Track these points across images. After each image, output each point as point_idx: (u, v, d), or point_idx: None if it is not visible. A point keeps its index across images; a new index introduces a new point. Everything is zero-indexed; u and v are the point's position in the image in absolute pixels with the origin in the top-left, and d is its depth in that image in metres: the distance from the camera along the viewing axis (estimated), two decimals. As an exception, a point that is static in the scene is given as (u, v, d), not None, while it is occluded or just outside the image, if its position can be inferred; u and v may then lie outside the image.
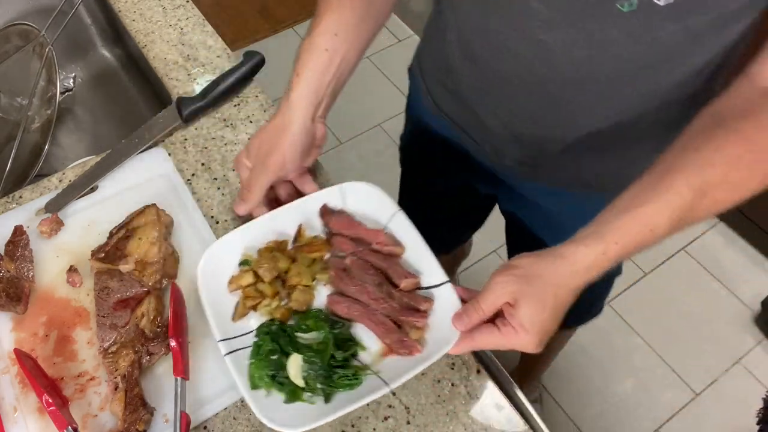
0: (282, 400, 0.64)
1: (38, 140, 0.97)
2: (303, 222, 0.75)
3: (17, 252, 0.74)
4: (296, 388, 0.64)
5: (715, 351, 1.78)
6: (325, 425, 0.66)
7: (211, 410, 0.67)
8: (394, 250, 0.72)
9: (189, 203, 0.82)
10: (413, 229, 0.73)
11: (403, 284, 0.69)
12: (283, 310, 0.70)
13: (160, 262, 0.72)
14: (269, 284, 0.70)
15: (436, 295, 0.69)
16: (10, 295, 0.70)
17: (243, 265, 0.72)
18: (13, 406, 0.66)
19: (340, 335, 0.67)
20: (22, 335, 0.70)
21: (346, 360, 0.66)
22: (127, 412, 0.62)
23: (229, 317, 0.69)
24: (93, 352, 0.69)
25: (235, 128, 0.91)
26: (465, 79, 0.78)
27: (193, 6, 1.07)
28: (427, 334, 0.67)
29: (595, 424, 1.65)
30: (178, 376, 0.64)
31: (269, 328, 0.67)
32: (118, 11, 1.06)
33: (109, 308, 0.68)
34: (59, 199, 0.81)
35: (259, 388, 0.64)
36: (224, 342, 0.65)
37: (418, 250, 0.72)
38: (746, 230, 1.99)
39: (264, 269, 0.70)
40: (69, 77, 1.17)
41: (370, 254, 0.72)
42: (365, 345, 0.68)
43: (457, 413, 0.68)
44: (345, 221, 0.74)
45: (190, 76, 0.97)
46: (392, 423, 0.67)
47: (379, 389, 0.63)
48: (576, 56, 0.62)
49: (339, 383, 0.64)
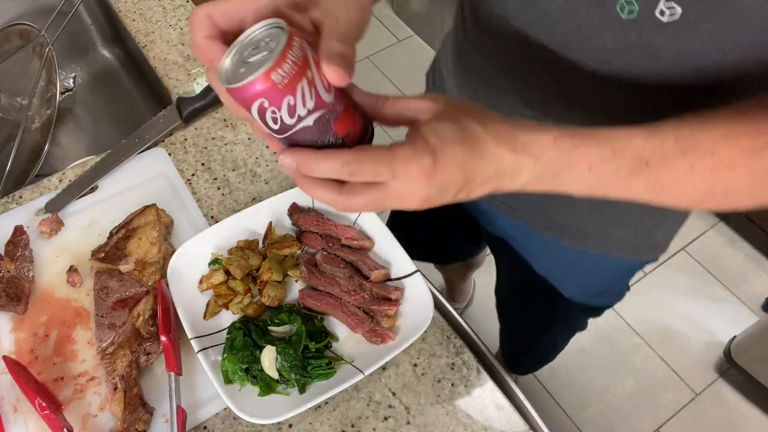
0: (256, 393, 0.65)
1: (38, 140, 0.97)
2: (272, 221, 0.77)
3: (17, 252, 0.74)
4: (270, 380, 0.65)
5: (715, 351, 1.78)
6: (325, 424, 0.66)
7: (211, 410, 0.67)
8: (363, 245, 0.75)
9: (189, 203, 0.82)
10: (381, 223, 0.76)
11: (373, 276, 0.72)
12: (256, 306, 0.71)
13: (160, 262, 0.72)
14: (241, 281, 0.72)
15: (406, 284, 0.72)
16: (10, 295, 0.70)
17: (213, 264, 0.73)
18: (13, 406, 0.66)
19: (313, 327, 0.69)
20: (22, 335, 0.70)
21: (319, 351, 0.67)
22: (127, 413, 0.63)
23: (201, 316, 0.70)
24: (93, 353, 0.69)
25: (235, 128, 0.91)
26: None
27: (193, 6, 1.07)
28: (399, 322, 0.70)
29: (595, 424, 1.65)
30: (170, 371, 0.64)
31: (242, 323, 0.69)
32: (118, 11, 1.06)
33: (108, 308, 0.68)
34: (59, 199, 0.81)
35: (234, 383, 0.65)
36: (197, 339, 0.66)
37: (386, 243, 0.75)
38: (746, 230, 1.99)
39: (235, 266, 0.72)
40: (69, 77, 1.16)
41: (340, 249, 0.75)
42: (338, 336, 0.70)
43: (457, 413, 0.68)
44: (313, 219, 0.77)
45: (190, 76, 0.97)
46: (392, 423, 0.67)
47: (354, 377, 0.65)
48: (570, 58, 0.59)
49: (313, 374, 0.65)
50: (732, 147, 0.45)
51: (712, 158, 0.45)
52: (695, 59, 0.51)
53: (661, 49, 0.52)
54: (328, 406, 0.68)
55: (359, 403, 0.68)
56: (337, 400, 0.68)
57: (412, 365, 0.71)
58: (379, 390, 0.69)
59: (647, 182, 0.45)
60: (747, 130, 0.45)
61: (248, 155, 0.88)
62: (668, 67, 0.53)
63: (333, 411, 0.68)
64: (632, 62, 0.54)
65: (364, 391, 0.69)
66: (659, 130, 0.45)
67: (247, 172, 0.86)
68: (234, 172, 0.86)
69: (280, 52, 0.38)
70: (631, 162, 0.44)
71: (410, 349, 0.72)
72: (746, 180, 0.46)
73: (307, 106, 0.40)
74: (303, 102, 0.40)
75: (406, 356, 0.71)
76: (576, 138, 0.43)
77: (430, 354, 0.72)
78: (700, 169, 0.45)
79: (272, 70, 0.38)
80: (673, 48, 0.51)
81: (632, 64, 0.55)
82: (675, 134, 0.45)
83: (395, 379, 0.70)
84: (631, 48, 0.53)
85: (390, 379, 0.70)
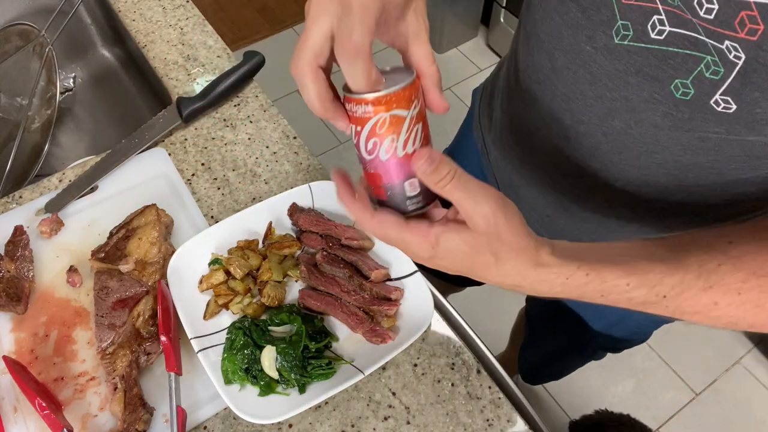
0: (256, 393, 0.65)
1: (38, 140, 0.97)
2: (272, 221, 0.77)
3: (17, 252, 0.74)
4: (270, 380, 0.65)
5: (715, 351, 1.78)
6: (325, 424, 0.66)
7: (211, 410, 0.67)
8: (363, 245, 0.75)
9: (189, 203, 0.82)
10: None
11: (373, 276, 0.72)
12: (255, 306, 0.71)
13: (160, 262, 0.72)
14: (240, 281, 0.72)
15: (406, 284, 0.72)
16: (10, 295, 0.70)
17: (213, 264, 0.73)
18: (13, 406, 0.66)
19: (313, 327, 0.69)
20: (22, 335, 0.70)
21: (319, 351, 0.67)
22: (127, 413, 0.63)
23: (201, 316, 0.70)
24: (93, 353, 0.69)
25: (235, 128, 0.91)
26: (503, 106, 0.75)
27: (193, 6, 1.07)
28: (399, 322, 0.70)
29: (595, 424, 1.65)
30: (170, 371, 0.64)
31: (242, 323, 0.69)
32: (118, 11, 1.06)
33: (108, 308, 0.68)
34: (59, 199, 0.81)
35: (233, 383, 0.65)
36: (197, 339, 0.66)
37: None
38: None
39: (235, 266, 0.72)
40: (69, 77, 1.16)
41: (340, 249, 0.75)
42: (338, 336, 0.70)
43: (457, 413, 0.68)
44: (313, 219, 0.77)
45: (190, 76, 0.97)
46: (392, 423, 0.67)
47: (354, 377, 0.65)
48: (614, 126, 0.56)
49: (313, 374, 0.65)
50: (762, 287, 0.44)
51: (739, 297, 0.44)
52: (746, 147, 0.50)
53: (710, 132, 0.50)
54: (328, 406, 0.68)
55: (359, 403, 0.68)
56: (337, 400, 0.68)
57: (412, 365, 0.71)
58: (379, 390, 0.69)
59: (664, 311, 0.45)
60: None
61: (248, 155, 0.88)
62: (716, 150, 0.51)
63: (333, 411, 0.68)
64: (680, 141, 0.53)
65: (364, 391, 0.69)
66: (681, 263, 0.44)
67: (247, 172, 0.86)
68: (234, 172, 0.86)
69: (409, 85, 0.41)
70: (646, 296, 0.44)
71: (410, 349, 0.72)
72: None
73: (406, 149, 0.42)
74: (405, 144, 0.42)
75: (406, 356, 0.71)
76: (591, 275, 0.44)
77: (430, 354, 0.72)
78: (724, 305, 0.45)
79: (411, 93, 0.41)
80: (724, 134, 0.49)
81: (679, 143, 0.53)
82: (699, 267, 0.44)
83: (395, 379, 0.70)
84: (680, 126, 0.51)
85: (390, 379, 0.70)
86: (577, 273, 0.43)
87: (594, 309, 0.88)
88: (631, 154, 0.57)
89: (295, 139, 0.90)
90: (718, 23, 0.43)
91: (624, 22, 0.49)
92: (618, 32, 0.50)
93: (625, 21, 0.48)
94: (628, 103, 0.53)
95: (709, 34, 0.44)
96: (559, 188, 0.68)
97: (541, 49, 0.60)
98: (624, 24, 0.49)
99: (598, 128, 0.58)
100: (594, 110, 0.57)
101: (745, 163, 0.51)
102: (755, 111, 0.45)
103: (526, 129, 0.69)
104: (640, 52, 0.49)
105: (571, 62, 0.56)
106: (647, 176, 0.58)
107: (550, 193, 0.70)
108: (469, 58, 2.52)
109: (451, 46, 2.53)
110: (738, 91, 0.45)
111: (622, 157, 0.58)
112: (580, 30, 0.53)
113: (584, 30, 0.52)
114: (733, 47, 0.43)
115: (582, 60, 0.54)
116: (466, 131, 0.93)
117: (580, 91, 0.57)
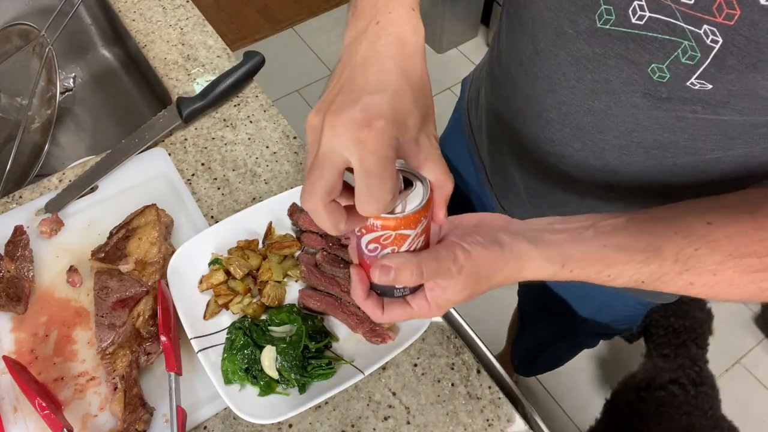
0: (256, 393, 0.65)
1: (38, 140, 0.97)
2: (272, 221, 0.77)
3: (17, 252, 0.74)
4: (270, 380, 0.65)
5: (715, 351, 1.78)
6: (325, 424, 0.66)
7: (211, 410, 0.67)
8: None
9: (189, 203, 0.82)
10: None
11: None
12: (255, 306, 0.71)
13: (160, 262, 0.72)
14: (241, 281, 0.72)
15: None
16: (10, 295, 0.70)
17: (213, 264, 0.73)
18: (13, 406, 0.66)
19: (313, 327, 0.69)
20: (22, 335, 0.70)
21: (319, 351, 0.67)
22: (127, 413, 0.63)
23: (201, 316, 0.70)
24: (93, 353, 0.69)
25: (235, 128, 0.91)
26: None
27: (193, 6, 1.07)
28: (399, 322, 0.69)
29: (595, 424, 1.65)
30: (170, 371, 0.64)
31: (242, 323, 0.69)
32: (118, 11, 1.06)
33: (107, 308, 0.68)
34: (59, 199, 0.81)
35: (233, 383, 0.65)
36: (197, 339, 0.66)
37: None
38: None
39: (235, 266, 0.72)
40: (69, 77, 1.16)
41: (340, 249, 0.74)
42: (338, 336, 0.70)
43: (457, 413, 0.68)
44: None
45: (190, 76, 0.97)
46: (392, 423, 0.67)
47: (354, 377, 0.65)
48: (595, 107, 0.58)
49: (313, 373, 0.65)
50: (736, 268, 0.46)
51: (714, 278, 0.47)
52: (721, 126, 0.52)
53: (687, 111, 0.52)
54: (328, 406, 0.68)
55: (359, 403, 0.68)
56: (337, 400, 0.68)
57: (412, 365, 0.71)
58: (379, 390, 0.69)
59: (644, 289, 0.49)
60: (755, 245, 0.46)
61: (248, 155, 0.88)
62: (693, 129, 0.53)
63: (333, 411, 0.68)
64: (658, 120, 0.54)
65: (364, 391, 0.69)
66: (659, 252, 0.47)
67: (247, 172, 0.86)
68: (234, 172, 0.86)
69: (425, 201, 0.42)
70: (626, 283, 0.48)
71: (410, 349, 0.72)
72: (749, 294, 0.48)
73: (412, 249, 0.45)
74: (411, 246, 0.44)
75: (406, 356, 0.71)
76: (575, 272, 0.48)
77: (430, 354, 0.72)
78: (699, 285, 0.47)
79: (424, 215, 0.43)
80: (701, 113, 0.51)
81: (658, 122, 0.55)
82: (676, 254, 0.46)
83: (395, 379, 0.70)
84: (659, 105, 0.53)
85: (390, 379, 0.70)
86: (562, 271, 0.48)
87: (579, 296, 0.90)
88: (611, 134, 0.59)
89: (295, 139, 0.90)
90: (698, 8, 0.44)
91: (607, 6, 0.50)
92: (601, 16, 0.51)
93: (608, 5, 0.50)
94: (608, 84, 0.55)
95: (687, 18, 0.45)
96: (542, 169, 0.69)
97: (524, 32, 0.61)
98: (607, 8, 0.50)
99: (579, 109, 0.59)
100: (576, 92, 0.58)
101: (721, 142, 0.53)
102: (731, 89, 0.47)
103: (510, 111, 0.70)
104: (620, 36, 0.50)
105: (554, 45, 0.57)
106: (627, 156, 0.60)
107: (533, 175, 0.72)
108: (469, 58, 2.52)
109: (451, 45, 2.54)
110: (713, 75, 0.46)
111: (603, 137, 0.60)
112: (563, 13, 0.54)
113: (567, 13, 0.54)
114: (711, 31, 0.44)
115: (563, 42, 0.56)
116: (456, 119, 0.94)
117: (562, 73, 0.58)
